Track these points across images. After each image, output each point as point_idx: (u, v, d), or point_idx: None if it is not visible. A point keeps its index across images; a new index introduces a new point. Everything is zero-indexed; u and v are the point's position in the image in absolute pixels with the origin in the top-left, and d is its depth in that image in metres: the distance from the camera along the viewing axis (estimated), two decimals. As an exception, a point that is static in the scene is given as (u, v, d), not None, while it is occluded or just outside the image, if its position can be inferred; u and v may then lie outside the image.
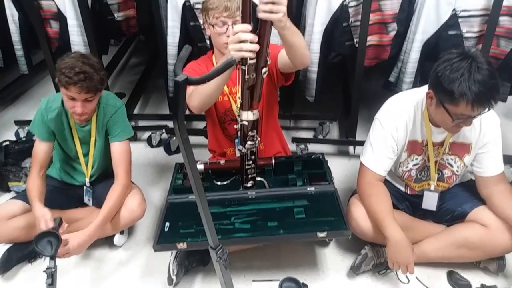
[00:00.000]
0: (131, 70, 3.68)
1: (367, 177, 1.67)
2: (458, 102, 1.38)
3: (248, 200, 1.69)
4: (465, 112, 1.40)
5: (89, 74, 1.58)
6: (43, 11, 2.34)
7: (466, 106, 1.38)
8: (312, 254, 1.84)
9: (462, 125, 1.48)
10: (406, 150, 1.66)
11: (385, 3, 2.03)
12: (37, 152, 1.80)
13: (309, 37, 2.14)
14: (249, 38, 1.29)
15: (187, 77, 0.95)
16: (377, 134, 1.66)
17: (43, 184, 1.79)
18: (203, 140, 2.46)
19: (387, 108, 1.67)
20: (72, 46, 2.37)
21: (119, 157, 1.81)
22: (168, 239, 1.55)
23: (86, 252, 1.89)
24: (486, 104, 1.38)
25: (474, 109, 1.38)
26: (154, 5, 2.21)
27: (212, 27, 1.65)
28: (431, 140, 1.62)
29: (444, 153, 1.65)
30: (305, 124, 2.79)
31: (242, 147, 1.60)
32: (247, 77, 1.39)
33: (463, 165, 1.66)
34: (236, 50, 1.30)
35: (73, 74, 1.55)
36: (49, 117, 1.77)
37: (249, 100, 1.48)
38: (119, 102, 1.86)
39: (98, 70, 1.63)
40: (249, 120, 1.53)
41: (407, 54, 2.11)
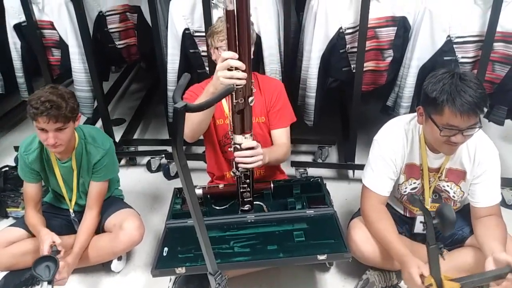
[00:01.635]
0: (131, 96, 3.72)
1: (371, 200, 1.66)
2: (442, 110, 1.37)
3: (247, 224, 1.68)
4: (451, 122, 1.38)
5: (56, 103, 1.57)
6: (45, 40, 2.39)
7: (450, 113, 1.36)
8: (312, 279, 1.82)
9: (453, 143, 1.43)
10: (404, 173, 1.66)
11: (380, 30, 2.07)
12: (28, 192, 1.82)
13: (307, 63, 2.18)
14: (238, 65, 1.33)
15: (186, 104, 0.97)
16: (376, 155, 1.66)
17: (42, 217, 1.81)
18: (202, 165, 2.46)
19: (385, 130, 1.68)
20: (74, 74, 2.41)
21: (97, 195, 1.83)
22: (166, 264, 1.53)
23: (83, 278, 1.87)
24: (471, 111, 1.35)
25: (459, 117, 1.35)
26: (155, 33, 2.26)
27: (217, 50, 1.70)
28: (426, 164, 1.61)
29: (440, 179, 1.64)
30: (304, 148, 2.80)
31: (236, 170, 1.61)
32: (235, 101, 1.42)
33: (459, 190, 1.64)
34: (227, 77, 1.34)
35: (39, 104, 1.55)
36: (30, 159, 1.77)
37: (240, 124, 1.51)
38: (107, 142, 1.84)
39: (68, 99, 1.62)
40: (241, 143, 1.55)
41: (404, 79, 2.14)
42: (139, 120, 3.18)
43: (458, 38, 1.97)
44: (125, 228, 1.79)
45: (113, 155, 1.87)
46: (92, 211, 1.82)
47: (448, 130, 1.40)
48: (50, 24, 2.33)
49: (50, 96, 1.57)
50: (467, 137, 1.43)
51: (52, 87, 1.63)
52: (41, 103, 1.55)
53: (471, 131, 1.41)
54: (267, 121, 1.82)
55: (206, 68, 2.25)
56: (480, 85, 1.38)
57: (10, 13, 2.37)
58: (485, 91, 1.40)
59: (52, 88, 1.63)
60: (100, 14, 2.46)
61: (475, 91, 1.35)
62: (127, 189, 2.21)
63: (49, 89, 1.61)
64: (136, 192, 2.41)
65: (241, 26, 1.31)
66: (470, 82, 1.36)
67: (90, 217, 1.81)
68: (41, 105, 1.55)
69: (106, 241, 1.81)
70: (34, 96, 1.58)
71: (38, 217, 1.79)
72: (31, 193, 1.81)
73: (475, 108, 1.35)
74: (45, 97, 1.56)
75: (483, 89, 1.38)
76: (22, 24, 2.39)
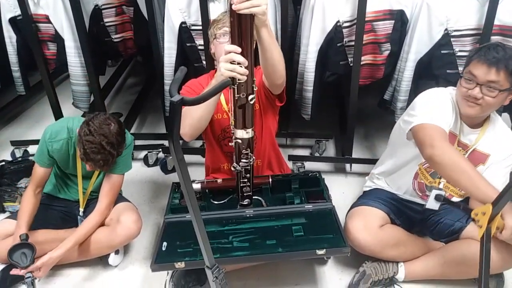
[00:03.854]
0: (128, 90, 3.70)
1: (436, 135, 1.43)
2: (470, 61, 1.47)
3: (246, 218, 1.68)
4: (473, 71, 1.45)
5: (107, 159, 1.62)
6: (41, 33, 2.36)
7: (475, 62, 1.45)
8: (311, 272, 1.83)
9: (470, 97, 1.47)
10: None
11: (378, 24, 2.07)
12: (37, 173, 1.81)
13: (304, 57, 2.18)
14: (241, 61, 1.32)
15: (182, 98, 0.96)
16: (429, 96, 1.59)
17: (36, 203, 1.80)
18: (199, 159, 2.46)
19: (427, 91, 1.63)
20: (70, 68, 2.39)
21: (110, 188, 1.82)
22: (165, 258, 1.53)
23: (81, 271, 1.87)
24: (493, 64, 1.41)
25: (480, 66, 1.43)
26: (151, 27, 2.24)
27: (215, 40, 1.70)
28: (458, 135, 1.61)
29: None
30: (302, 142, 2.80)
31: (237, 165, 1.60)
32: (237, 96, 1.41)
33: None
34: (229, 70, 1.33)
35: (92, 156, 1.58)
36: (54, 147, 1.76)
37: (242, 119, 1.50)
38: (129, 138, 1.85)
39: (118, 145, 1.65)
40: (243, 138, 1.54)
41: (401, 73, 2.14)
42: (136, 114, 3.16)
43: (456, 31, 1.97)
44: (122, 221, 1.80)
45: (131, 149, 1.87)
46: (100, 204, 1.80)
47: (468, 81, 1.47)
48: (45, 18, 2.31)
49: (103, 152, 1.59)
50: (485, 98, 1.46)
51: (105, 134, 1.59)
52: (94, 155, 1.58)
53: (488, 90, 1.45)
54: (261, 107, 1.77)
55: (203, 62, 2.25)
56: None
57: (5, 6, 2.34)
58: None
59: (107, 134, 1.60)
60: (96, 8, 2.43)
61: (505, 52, 1.43)
62: (125, 183, 2.18)
63: (104, 139, 1.58)
64: (134, 186, 2.41)
65: (244, 22, 1.29)
66: (505, 47, 1.45)
67: (96, 212, 1.79)
68: (93, 155, 1.58)
69: (104, 235, 1.81)
70: (89, 138, 1.57)
71: (31, 201, 1.77)
72: (37, 175, 1.80)
73: (498, 63, 1.42)
74: (100, 149, 1.58)
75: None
76: (17, 18, 2.36)
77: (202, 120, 1.62)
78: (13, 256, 1.59)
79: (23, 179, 2.28)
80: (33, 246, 1.61)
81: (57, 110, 2.56)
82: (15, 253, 1.59)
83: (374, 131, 2.78)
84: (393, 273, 1.70)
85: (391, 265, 1.71)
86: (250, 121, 1.51)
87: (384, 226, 1.71)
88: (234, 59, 1.32)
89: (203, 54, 2.22)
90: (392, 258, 1.70)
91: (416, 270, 1.70)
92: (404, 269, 1.70)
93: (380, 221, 1.70)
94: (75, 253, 1.81)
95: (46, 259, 1.62)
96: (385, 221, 1.73)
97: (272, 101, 1.76)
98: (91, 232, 1.78)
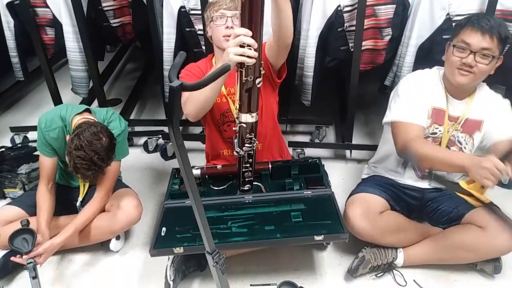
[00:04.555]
0: (127, 76, 3.68)
1: (410, 133, 1.57)
2: (461, 29, 1.50)
3: (245, 204, 1.69)
4: (466, 39, 1.48)
5: (97, 173, 1.60)
6: (39, 18, 2.34)
7: (467, 30, 1.48)
8: (310, 257, 1.84)
9: (464, 65, 1.50)
10: (430, 117, 1.66)
11: (379, 8, 2.04)
12: (43, 164, 1.81)
13: (304, 42, 2.16)
14: (251, 43, 1.31)
15: (181, 83, 0.95)
16: (406, 88, 1.67)
17: (52, 198, 1.81)
18: (199, 145, 2.46)
19: (411, 73, 1.74)
20: (68, 53, 2.37)
21: (107, 175, 1.80)
22: (164, 243, 1.54)
23: (82, 257, 1.89)
24: (487, 32, 1.45)
25: (474, 33, 1.46)
26: (150, 11, 2.21)
27: (212, 23, 1.68)
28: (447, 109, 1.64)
29: (456, 129, 1.66)
30: (302, 128, 2.79)
31: (240, 150, 1.60)
32: (245, 79, 1.40)
33: (472, 142, 1.66)
34: (237, 54, 1.32)
35: (83, 171, 1.56)
36: (50, 136, 1.76)
37: (247, 103, 1.49)
38: (123, 124, 1.83)
39: (108, 158, 1.62)
40: (248, 122, 1.53)
41: (402, 58, 2.12)
42: (136, 100, 3.15)
43: (458, 16, 1.94)
44: (123, 207, 1.81)
45: (125, 137, 1.85)
46: (98, 193, 1.81)
47: (461, 50, 1.50)
48: (43, 2, 2.28)
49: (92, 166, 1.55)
50: (478, 65, 1.49)
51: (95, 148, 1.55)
52: (84, 169, 1.55)
53: (482, 58, 1.48)
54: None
55: (202, 47, 2.22)
56: (502, 21, 1.52)
57: (3, -9, 2.32)
58: (507, 27, 1.51)
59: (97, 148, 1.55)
60: (93, -8, 2.41)
61: (495, 20, 1.48)
62: (125, 169, 2.21)
63: (95, 154, 1.55)
64: (134, 173, 2.41)
65: (255, 4, 1.28)
66: (494, 17, 1.50)
67: (94, 199, 1.80)
68: (83, 170, 1.56)
69: (104, 220, 1.82)
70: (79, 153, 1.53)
71: (46, 198, 1.78)
72: (45, 167, 1.80)
73: (492, 30, 1.45)
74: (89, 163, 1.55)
75: (505, 25, 1.50)
76: (14, 2, 2.34)
77: (207, 102, 1.61)
78: (14, 242, 1.60)
79: (23, 165, 2.27)
80: (33, 231, 1.62)
81: (56, 96, 2.55)
82: (16, 239, 1.60)
83: (375, 117, 2.77)
84: (392, 258, 1.71)
85: (390, 251, 1.72)
86: (255, 105, 1.50)
87: (384, 212, 1.71)
88: (244, 41, 1.31)
89: (203, 39, 2.19)
90: (391, 244, 1.71)
91: (415, 255, 1.71)
92: (403, 254, 1.71)
93: (379, 208, 1.71)
94: (77, 239, 1.83)
95: (47, 245, 1.63)
96: (385, 207, 1.74)
97: (271, 77, 1.74)
98: (90, 219, 1.79)
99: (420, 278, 1.72)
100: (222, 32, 1.66)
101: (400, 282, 1.71)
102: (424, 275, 1.73)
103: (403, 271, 1.74)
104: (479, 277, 1.72)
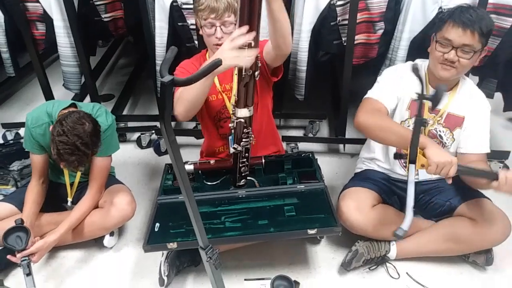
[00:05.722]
0: (119, 71, 3.66)
1: (368, 105, 1.62)
2: (443, 24, 1.49)
3: (239, 199, 1.69)
4: (447, 35, 1.48)
5: (82, 160, 1.56)
6: (29, 13, 2.32)
7: (448, 26, 1.48)
8: (304, 251, 1.85)
9: (447, 61, 1.50)
10: (409, 108, 1.67)
11: (372, 2, 2.04)
12: (34, 161, 1.80)
13: (297, 36, 2.15)
14: (248, 40, 1.30)
15: (173, 78, 0.95)
16: (385, 74, 1.71)
17: (41, 190, 1.80)
18: (193, 140, 2.46)
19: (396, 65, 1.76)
20: (59, 48, 2.35)
21: (98, 171, 1.80)
22: (158, 239, 1.54)
23: (76, 253, 1.88)
24: (467, 27, 1.44)
25: (455, 29, 1.46)
26: (142, 6, 2.19)
27: (202, 27, 1.66)
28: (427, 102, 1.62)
29: (438, 123, 1.66)
30: (295, 122, 2.79)
31: (238, 145, 1.60)
32: (244, 74, 1.40)
33: (451, 137, 1.67)
34: (234, 57, 1.32)
35: (66, 157, 1.53)
36: (37, 132, 1.74)
37: (244, 97, 1.49)
38: (110, 119, 1.80)
39: (93, 145, 1.58)
40: (246, 117, 1.54)
41: (395, 52, 2.12)
42: (128, 95, 3.13)
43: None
44: (116, 203, 1.80)
45: (113, 131, 1.83)
46: (91, 189, 1.81)
47: (443, 45, 1.50)
48: (33, -3, 2.26)
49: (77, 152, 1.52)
50: (460, 60, 1.49)
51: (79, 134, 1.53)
52: (68, 155, 1.52)
53: (463, 53, 1.48)
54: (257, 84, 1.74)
55: (195, 42, 2.21)
56: (486, 13, 1.49)
57: (-9, -14, 2.29)
58: (490, 20, 1.48)
59: (80, 134, 1.53)
60: (84, -14, 2.38)
61: (477, 13, 1.45)
62: (118, 165, 2.21)
63: (78, 139, 1.52)
64: (127, 168, 2.41)
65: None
66: (477, 9, 1.48)
67: (87, 196, 1.80)
68: (67, 156, 1.53)
69: (98, 217, 1.81)
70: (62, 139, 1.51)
71: (35, 191, 1.77)
72: (35, 164, 1.80)
73: (472, 25, 1.44)
74: (73, 149, 1.51)
75: (488, 18, 1.48)
76: (4, -3, 2.32)
77: (196, 101, 1.57)
78: (8, 239, 1.59)
79: (16, 162, 2.26)
80: (28, 229, 1.61)
81: (48, 91, 2.53)
82: (10, 237, 1.59)
83: (368, 111, 2.77)
84: (385, 251, 1.72)
85: (383, 244, 1.73)
86: (252, 99, 1.51)
87: (376, 206, 1.72)
88: (241, 44, 1.30)
89: (195, 34, 2.18)
90: (384, 237, 1.72)
91: (408, 248, 1.72)
92: (396, 247, 1.73)
93: (372, 201, 1.72)
94: (70, 236, 1.82)
95: (40, 244, 1.62)
96: (377, 201, 1.75)
97: (267, 76, 1.73)
98: (84, 216, 1.79)
99: (413, 271, 1.73)
100: (212, 41, 1.64)
101: (393, 275, 1.72)
102: (416, 267, 1.74)
103: (396, 264, 1.75)
104: (472, 269, 1.74)
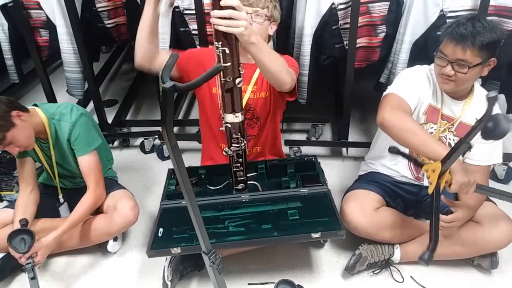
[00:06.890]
0: (123, 77, 3.67)
1: (393, 101, 1.53)
2: (444, 38, 1.47)
3: (242, 203, 1.69)
4: (444, 49, 1.47)
5: None
6: (33, 20, 2.33)
7: (445, 41, 1.46)
8: (307, 255, 1.84)
9: (444, 75, 1.50)
10: (425, 113, 1.66)
11: (373, 5, 2.04)
12: (19, 168, 1.80)
13: (299, 40, 2.16)
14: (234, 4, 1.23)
15: (174, 84, 0.96)
16: (407, 72, 1.67)
17: (31, 203, 1.77)
18: (195, 145, 2.46)
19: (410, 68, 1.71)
20: (63, 55, 2.37)
21: (87, 170, 1.78)
22: (162, 244, 1.54)
23: (80, 258, 1.88)
24: (460, 42, 1.40)
25: (450, 45, 1.44)
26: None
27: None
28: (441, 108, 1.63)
29: (449, 131, 1.65)
30: (298, 126, 2.80)
31: (228, 150, 1.60)
32: (223, 80, 1.40)
33: None
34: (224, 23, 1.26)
35: None
36: None
37: (230, 103, 1.48)
38: (74, 115, 1.75)
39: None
40: (233, 122, 1.53)
41: (397, 55, 2.12)
42: (132, 101, 3.15)
43: (451, 12, 1.95)
44: (119, 209, 1.80)
45: (83, 125, 1.77)
46: (89, 187, 1.79)
47: (440, 59, 1.49)
48: (36, 4, 2.27)
49: None
50: (458, 74, 1.48)
51: None
52: None
53: (459, 67, 1.46)
54: (270, 94, 1.75)
55: (197, 47, 2.22)
56: (486, 26, 1.40)
57: (-5, -7, 2.31)
58: (490, 33, 1.40)
59: None
60: (87, -7, 2.40)
61: (474, 28, 1.39)
62: (121, 170, 2.22)
63: None
64: (130, 174, 2.41)
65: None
66: (477, 22, 1.41)
67: (86, 194, 1.78)
68: None
69: (101, 222, 1.82)
70: None
71: (22, 204, 1.75)
72: (21, 169, 1.79)
73: (463, 41, 1.40)
74: None
75: (487, 31, 1.40)
76: (8, 5, 2.33)
77: (148, 41, 1.68)
78: (12, 241, 1.59)
79: (20, 168, 2.27)
80: (32, 232, 1.61)
81: (51, 97, 2.54)
82: (14, 239, 1.60)
83: (370, 115, 2.77)
84: (389, 255, 1.72)
85: (386, 247, 1.72)
86: (239, 105, 1.50)
87: (380, 208, 1.72)
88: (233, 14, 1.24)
89: (198, 39, 2.19)
90: (387, 240, 1.72)
91: (412, 251, 1.72)
92: (400, 251, 1.72)
93: (375, 204, 1.71)
94: (74, 241, 1.82)
95: (42, 241, 1.63)
96: (381, 203, 1.74)
97: (280, 97, 1.74)
98: (86, 214, 1.76)
99: (417, 274, 1.73)
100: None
101: (397, 279, 1.72)
102: (421, 271, 1.74)
103: (400, 268, 1.75)
104: (476, 272, 1.73)
